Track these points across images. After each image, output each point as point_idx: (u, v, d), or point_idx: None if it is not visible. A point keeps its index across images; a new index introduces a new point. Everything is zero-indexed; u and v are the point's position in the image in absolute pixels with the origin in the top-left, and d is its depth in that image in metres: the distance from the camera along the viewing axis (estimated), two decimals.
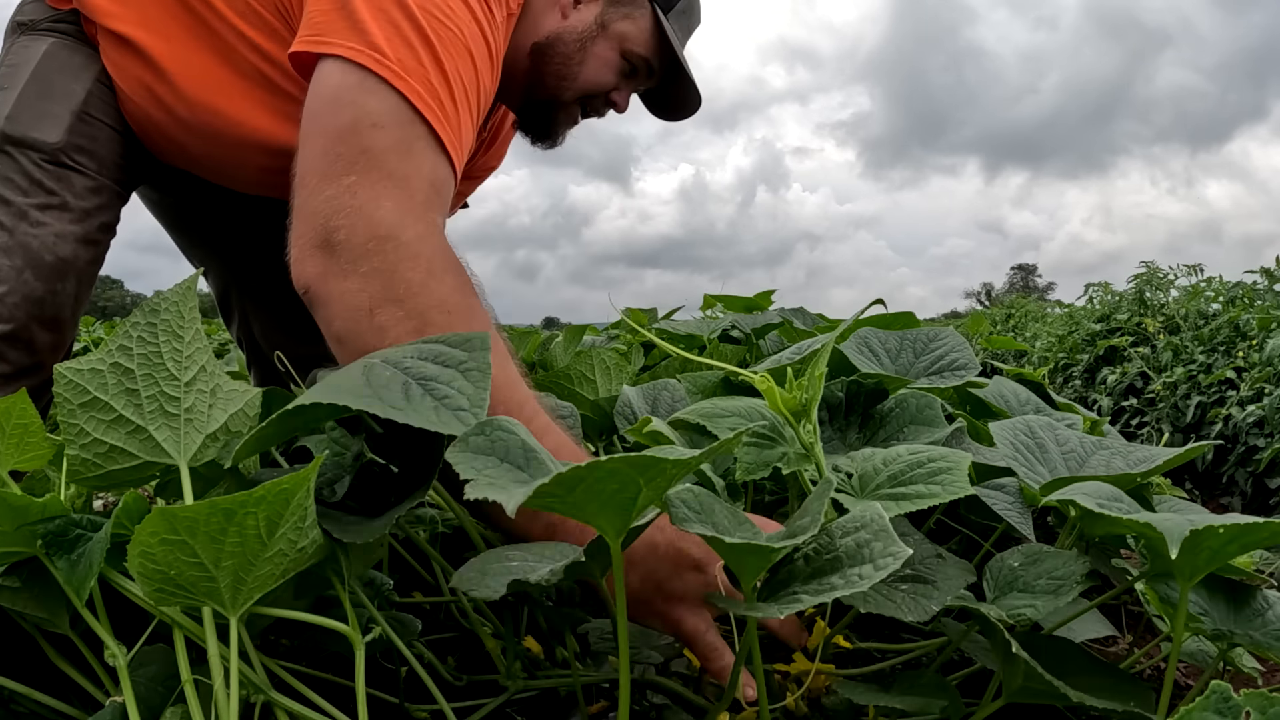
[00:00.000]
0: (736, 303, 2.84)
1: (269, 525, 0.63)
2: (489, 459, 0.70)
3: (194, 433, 0.80)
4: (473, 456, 0.69)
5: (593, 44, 1.38)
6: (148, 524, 0.59)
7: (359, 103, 1.02)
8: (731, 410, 1.05)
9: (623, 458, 0.58)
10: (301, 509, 0.66)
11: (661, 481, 0.63)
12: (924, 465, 0.88)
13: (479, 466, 0.68)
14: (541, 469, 0.69)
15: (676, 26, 1.42)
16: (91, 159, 1.40)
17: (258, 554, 0.65)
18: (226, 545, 0.62)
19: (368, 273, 0.94)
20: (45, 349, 1.35)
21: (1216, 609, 0.97)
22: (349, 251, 0.95)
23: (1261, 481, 3.17)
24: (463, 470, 0.66)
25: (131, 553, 0.61)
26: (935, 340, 1.49)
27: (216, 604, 0.67)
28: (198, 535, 0.61)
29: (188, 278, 0.83)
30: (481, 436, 0.71)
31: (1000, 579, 0.96)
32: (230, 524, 0.61)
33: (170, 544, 0.61)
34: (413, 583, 1.33)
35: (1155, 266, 5.63)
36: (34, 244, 1.31)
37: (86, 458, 0.78)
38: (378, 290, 0.94)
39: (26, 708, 0.82)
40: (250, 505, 0.61)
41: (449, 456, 0.69)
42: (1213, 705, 0.49)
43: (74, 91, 1.38)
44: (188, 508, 0.59)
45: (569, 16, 1.37)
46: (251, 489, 0.60)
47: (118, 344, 0.78)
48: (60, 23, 1.42)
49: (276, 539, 0.65)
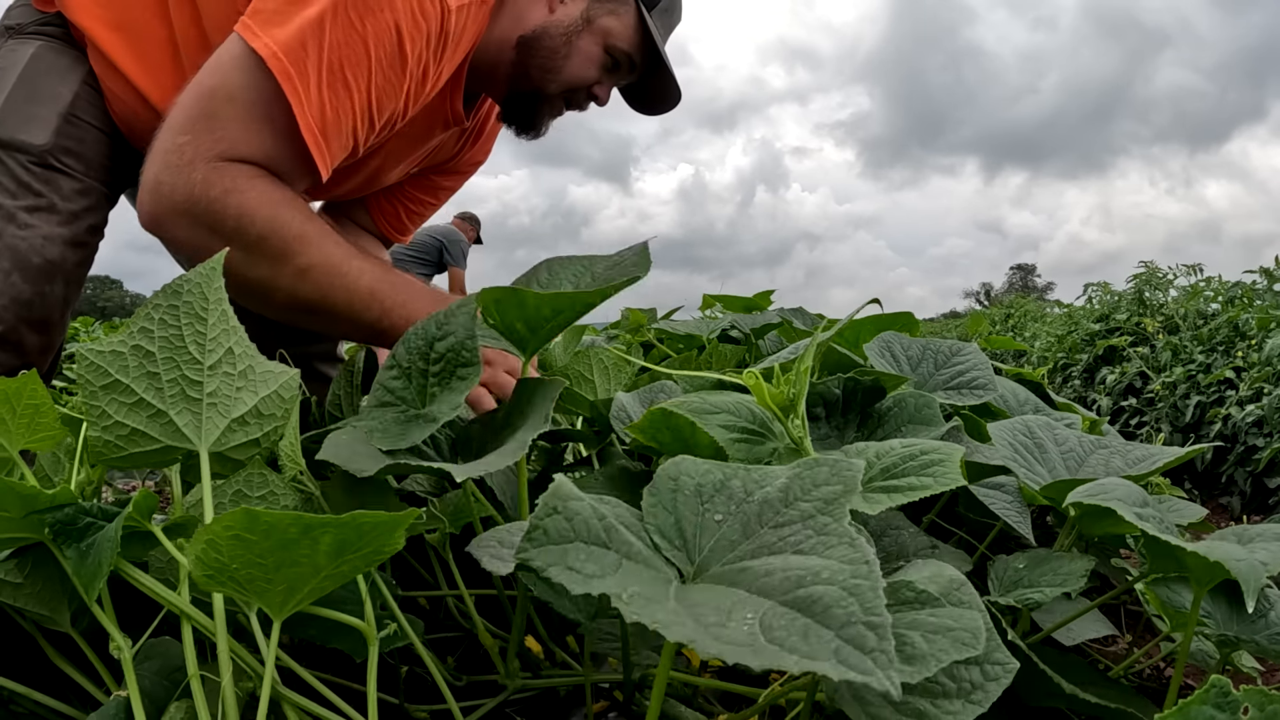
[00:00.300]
0: (736, 303, 2.84)
1: (339, 547, 0.62)
2: (576, 547, 0.60)
3: (217, 417, 0.80)
4: (562, 552, 0.60)
5: (578, 38, 1.39)
6: (227, 517, 0.58)
7: (229, 75, 1.13)
8: (721, 406, 1.05)
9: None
10: (377, 543, 0.64)
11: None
12: (916, 458, 0.88)
13: (575, 564, 0.59)
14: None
15: (659, 23, 1.44)
16: (79, 161, 1.41)
17: (321, 569, 0.64)
18: (295, 555, 0.62)
19: (188, 224, 1.13)
20: (34, 351, 1.35)
21: (1219, 610, 0.97)
22: (171, 203, 1.12)
23: (1260, 481, 3.17)
24: (567, 582, 0.57)
25: (198, 537, 0.60)
26: (957, 355, 1.49)
27: (266, 604, 0.66)
28: (271, 539, 0.60)
29: (213, 258, 0.82)
30: (558, 517, 0.62)
31: (1006, 579, 0.97)
32: (305, 537, 0.60)
33: (242, 541, 0.60)
34: (411, 582, 1.33)
35: (1154, 266, 5.63)
36: (22, 246, 1.32)
37: (109, 439, 0.78)
38: (201, 240, 1.12)
39: (26, 708, 0.82)
40: (331, 527, 0.60)
41: (522, 559, 0.59)
42: (1212, 700, 0.49)
43: (61, 94, 1.39)
44: (270, 514, 0.58)
45: (555, 11, 1.38)
46: (344, 514, 0.59)
47: (139, 326, 0.78)
48: (48, 26, 1.43)
49: (343, 561, 0.64)
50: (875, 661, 0.45)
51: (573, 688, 1.10)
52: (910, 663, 0.61)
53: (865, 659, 0.46)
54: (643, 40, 1.43)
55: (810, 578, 0.53)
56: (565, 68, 1.40)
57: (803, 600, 0.51)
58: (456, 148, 1.70)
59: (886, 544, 1.00)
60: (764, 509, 0.66)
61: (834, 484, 0.64)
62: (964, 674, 0.64)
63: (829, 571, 0.53)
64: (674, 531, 0.67)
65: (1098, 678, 0.97)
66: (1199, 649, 1.10)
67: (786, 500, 0.65)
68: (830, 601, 0.50)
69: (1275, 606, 0.97)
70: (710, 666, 1.17)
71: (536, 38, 1.38)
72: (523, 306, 1.03)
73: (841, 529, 0.59)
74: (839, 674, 0.45)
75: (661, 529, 0.67)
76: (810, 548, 0.58)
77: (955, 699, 0.63)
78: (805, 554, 0.58)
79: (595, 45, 1.41)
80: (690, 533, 0.67)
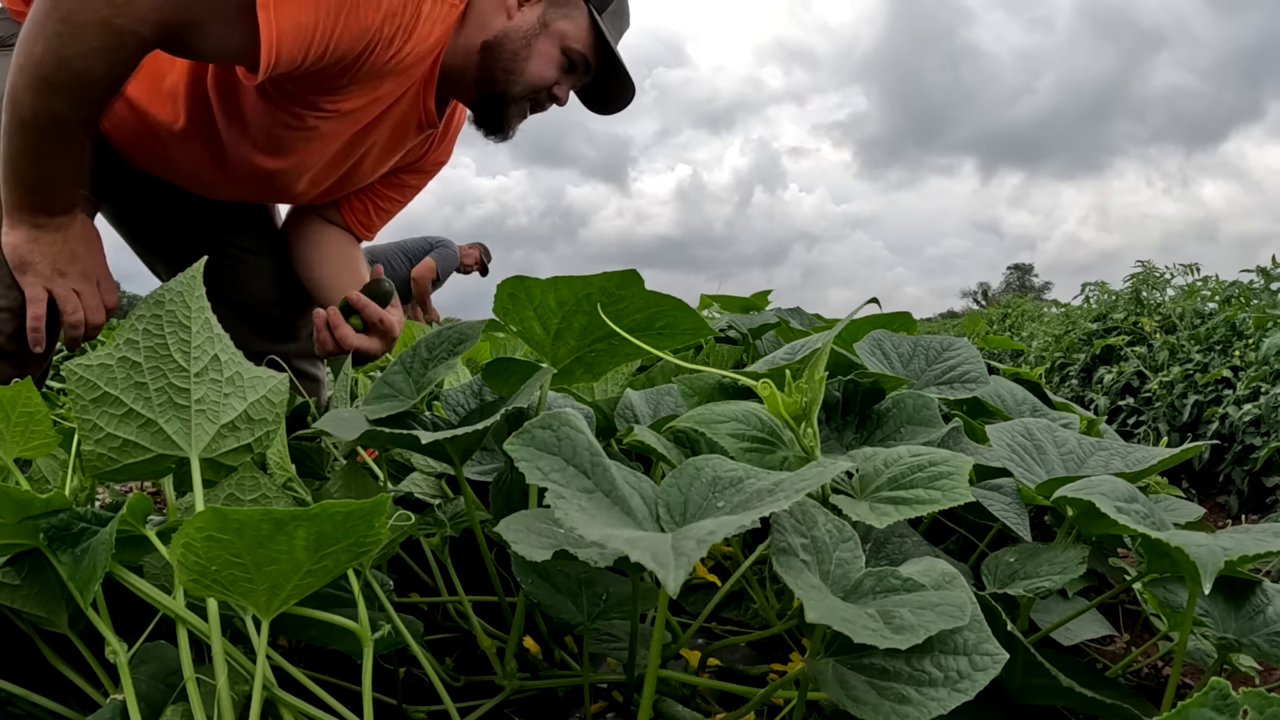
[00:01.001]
0: (733, 303, 2.84)
1: (317, 541, 0.62)
2: (554, 459, 0.68)
3: (206, 423, 0.80)
4: (537, 454, 0.67)
5: (536, 41, 1.49)
6: (198, 519, 0.58)
7: None
8: (728, 415, 1.05)
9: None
10: (356, 534, 0.64)
11: None
12: (925, 469, 0.88)
13: (545, 468, 0.66)
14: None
15: (609, 25, 1.54)
16: None
17: (301, 565, 0.64)
18: (272, 552, 0.61)
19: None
20: (32, 361, 1.38)
21: (1217, 608, 0.97)
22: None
23: (1258, 480, 3.18)
24: (528, 472, 0.65)
25: (175, 542, 0.60)
26: (948, 350, 1.50)
27: (252, 604, 0.66)
28: (245, 537, 0.60)
29: (191, 267, 0.82)
30: (548, 431, 0.70)
31: (999, 574, 0.97)
32: (279, 533, 0.60)
33: (216, 542, 0.60)
34: (409, 583, 1.33)
35: (1151, 266, 5.63)
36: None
37: (101, 452, 0.78)
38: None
39: (24, 709, 0.82)
40: (303, 520, 0.60)
41: (509, 449, 0.67)
42: (1211, 702, 0.49)
43: None
44: (239, 511, 0.58)
45: (514, 17, 1.48)
46: (314, 506, 0.59)
47: (124, 338, 0.78)
48: None
49: (325, 555, 0.64)
50: (677, 563, 0.54)
51: (571, 688, 1.10)
52: (899, 632, 0.63)
53: (671, 558, 0.55)
54: (596, 41, 1.53)
55: (710, 523, 0.62)
56: (526, 70, 1.49)
57: (684, 530, 0.60)
58: (424, 150, 1.79)
59: (890, 551, 1.00)
60: (753, 496, 0.73)
61: (814, 480, 0.70)
62: (950, 664, 0.65)
63: (725, 520, 0.62)
64: (679, 508, 0.76)
65: (1095, 676, 0.97)
66: (1198, 648, 1.10)
67: (772, 491, 0.71)
68: (694, 532, 0.59)
69: (1273, 602, 0.97)
70: (709, 667, 1.17)
71: (499, 42, 1.47)
72: (531, 298, 1.06)
73: (784, 500, 0.66)
74: (636, 557, 0.54)
75: (670, 504, 0.76)
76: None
77: (941, 687, 0.64)
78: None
79: (553, 47, 1.50)
80: (692, 511, 0.75)
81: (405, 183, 1.83)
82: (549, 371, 1.08)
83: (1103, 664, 1.32)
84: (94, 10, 1.11)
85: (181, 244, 1.78)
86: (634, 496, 0.75)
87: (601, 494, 0.70)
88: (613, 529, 0.63)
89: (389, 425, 1.03)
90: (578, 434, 0.71)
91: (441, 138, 1.79)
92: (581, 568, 1.00)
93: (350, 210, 1.79)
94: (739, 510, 0.70)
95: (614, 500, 0.71)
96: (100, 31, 1.12)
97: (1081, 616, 1.16)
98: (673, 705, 1.04)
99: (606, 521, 0.65)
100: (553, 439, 0.69)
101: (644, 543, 0.58)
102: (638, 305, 1.10)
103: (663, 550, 0.55)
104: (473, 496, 1.09)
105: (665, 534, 0.62)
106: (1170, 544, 0.79)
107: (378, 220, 1.84)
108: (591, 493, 0.67)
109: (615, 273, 1.06)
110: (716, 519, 0.65)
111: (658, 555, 0.54)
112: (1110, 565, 1.24)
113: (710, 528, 0.60)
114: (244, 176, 1.56)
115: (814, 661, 0.72)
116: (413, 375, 1.14)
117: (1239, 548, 0.78)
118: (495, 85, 1.49)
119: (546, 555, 0.68)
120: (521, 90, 1.51)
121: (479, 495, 1.32)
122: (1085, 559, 0.94)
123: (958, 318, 19.58)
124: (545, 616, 1.10)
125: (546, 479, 0.65)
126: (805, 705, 0.97)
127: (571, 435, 0.70)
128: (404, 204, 1.88)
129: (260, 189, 1.62)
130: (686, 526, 0.66)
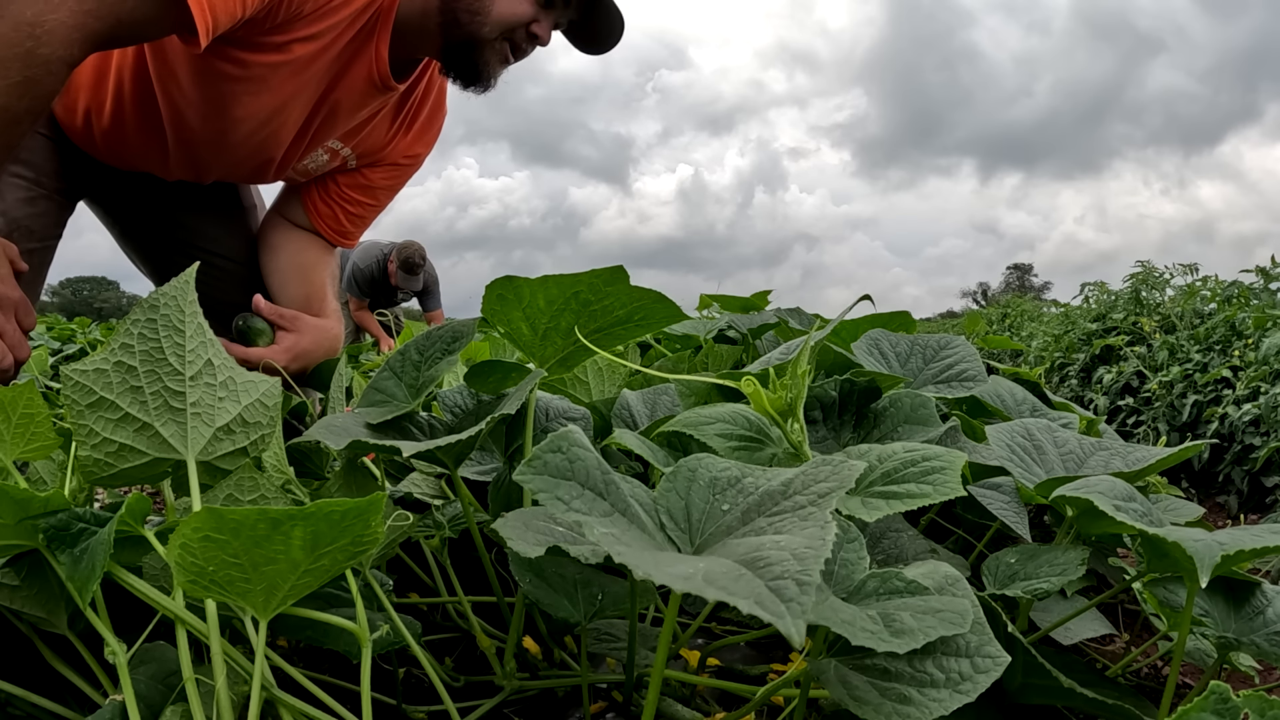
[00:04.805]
0: (733, 303, 2.84)
1: (313, 541, 0.62)
2: (571, 485, 0.67)
3: (202, 426, 0.80)
4: (554, 482, 0.66)
5: None
6: (194, 519, 0.58)
7: None
8: (715, 417, 1.06)
9: None
10: (353, 534, 0.63)
11: None
12: (917, 464, 0.88)
13: (565, 496, 0.65)
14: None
15: None
16: (28, 168, 1.42)
17: (298, 565, 0.63)
18: (269, 552, 0.61)
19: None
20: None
21: (1216, 608, 0.97)
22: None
23: (1258, 480, 3.17)
24: (548, 503, 0.64)
25: (172, 543, 0.60)
26: (946, 348, 1.50)
27: (250, 605, 0.66)
28: (241, 537, 0.60)
29: (185, 271, 0.82)
30: (558, 454, 0.68)
31: (1000, 574, 0.97)
32: (276, 533, 0.60)
33: (212, 542, 0.59)
34: (409, 584, 1.33)
35: (1151, 266, 5.62)
36: None
37: (98, 457, 0.78)
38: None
39: (23, 710, 0.82)
40: (299, 519, 0.59)
41: (520, 479, 0.65)
42: (1211, 706, 0.49)
43: None
44: (235, 511, 0.58)
45: None
46: (309, 505, 0.59)
47: (119, 342, 0.78)
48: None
49: (322, 555, 0.63)
50: (789, 610, 0.48)
51: (570, 688, 1.10)
52: (899, 636, 0.63)
53: (780, 604, 0.49)
54: None
55: (770, 546, 0.57)
56: (494, 7, 1.36)
57: (751, 559, 0.55)
58: (390, 134, 1.66)
59: (886, 546, 1.00)
60: (764, 500, 0.70)
61: (830, 481, 0.68)
62: (952, 665, 0.65)
63: (788, 542, 0.57)
64: (682, 515, 0.73)
65: (1095, 676, 0.97)
66: (1197, 648, 1.10)
67: (785, 493, 0.69)
68: (773, 560, 0.54)
69: (1273, 602, 0.97)
70: (708, 667, 1.17)
71: None
72: (520, 299, 1.05)
73: (822, 516, 0.61)
74: (748, 609, 0.48)
75: (671, 511, 0.73)
76: (788, 529, 0.62)
77: (942, 688, 0.64)
78: (781, 534, 0.61)
79: None
80: (697, 517, 0.73)
81: (374, 183, 1.73)
82: (539, 374, 1.07)
83: (1102, 664, 1.32)
84: (12, 44, 1.02)
85: (156, 239, 1.74)
86: (634, 506, 0.73)
87: (619, 514, 0.68)
88: (652, 553, 0.61)
89: (381, 432, 1.03)
90: (586, 453, 0.69)
91: (409, 123, 1.68)
92: (578, 566, 1.00)
93: (317, 215, 1.72)
94: (752, 515, 0.68)
95: (630, 519, 0.69)
96: (22, 66, 1.03)
97: (1081, 616, 1.16)
98: (673, 705, 1.04)
99: (643, 546, 0.63)
100: (565, 463, 0.67)
101: (736, 582, 0.51)
102: (622, 301, 1.10)
103: (764, 595, 0.50)
104: (470, 497, 1.09)
105: (723, 560, 0.57)
106: (1167, 539, 0.79)
107: (350, 225, 1.75)
108: (611, 515, 0.65)
109: (603, 269, 1.06)
110: (793, 546, 0.57)
111: (762, 599, 0.49)
112: (1110, 565, 1.24)
113: (800, 562, 0.53)
114: (205, 144, 1.47)
115: (816, 660, 0.72)
116: (403, 379, 1.14)
117: (1236, 543, 0.78)
118: (461, 29, 1.37)
119: (540, 551, 0.67)
120: (492, 31, 1.37)
121: (479, 495, 1.32)
122: (1085, 560, 0.94)
123: (957, 318, 19.59)
124: (544, 616, 1.10)
125: (570, 509, 0.63)
126: (805, 705, 0.97)
127: (582, 455, 0.69)
128: (378, 207, 1.78)
129: (231, 161, 1.54)
130: (752, 554, 0.58)
